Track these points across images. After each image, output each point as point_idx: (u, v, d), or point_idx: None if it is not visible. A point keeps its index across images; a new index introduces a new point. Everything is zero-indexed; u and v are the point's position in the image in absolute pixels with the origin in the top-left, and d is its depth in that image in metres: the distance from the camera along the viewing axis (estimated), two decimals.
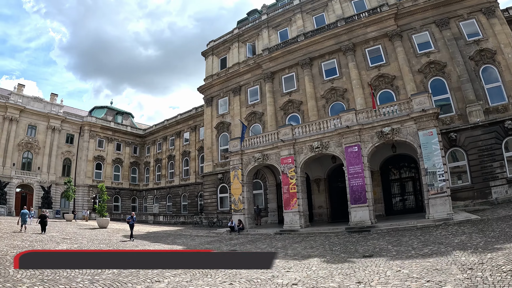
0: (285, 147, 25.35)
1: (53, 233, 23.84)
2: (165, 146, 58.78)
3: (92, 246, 17.47)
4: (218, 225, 35.19)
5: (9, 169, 52.35)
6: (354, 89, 30.62)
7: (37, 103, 57.64)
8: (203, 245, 19.01)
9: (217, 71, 43.19)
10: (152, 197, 59.25)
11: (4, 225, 28.39)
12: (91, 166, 59.10)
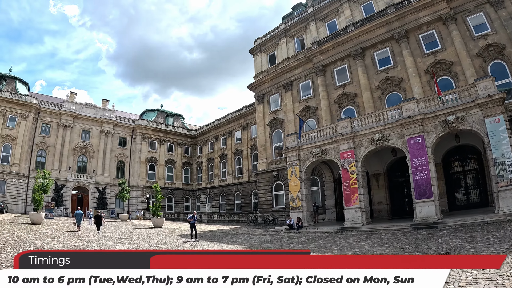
0: (344, 141, 24.77)
1: (109, 233, 24.45)
2: (217, 146, 59.60)
3: (150, 246, 17.48)
4: (274, 223, 35.09)
5: (65, 172, 55.33)
6: (410, 78, 29.22)
7: (89, 109, 60.49)
8: (264, 244, 18.87)
9: (267, 68, 43.14)
10: (205, 196, 60.24)
11: (61, 226, 29.59)
12: (144, 168, 61.03)
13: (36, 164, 53.32)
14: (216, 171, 58.37)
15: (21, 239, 16.72)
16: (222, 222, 45.12)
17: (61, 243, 16.80)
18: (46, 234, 20.60)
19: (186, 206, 63.21)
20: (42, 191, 33.01)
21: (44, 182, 33.89)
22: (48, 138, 56.00)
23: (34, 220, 29.16)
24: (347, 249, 15.30)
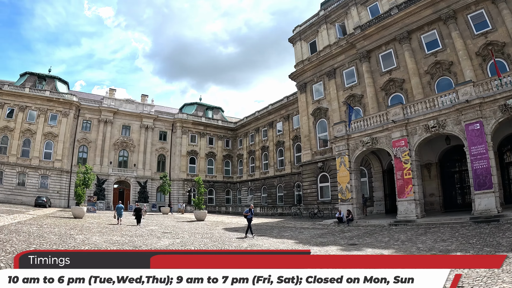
0: (396, 128, 23.63)
1: (152, 227, 24.36)
2: (257, 138, 59.33)
3: (195, 241, 16.50)
4: (319, 216, 34.34)
5: (107, 167, 57.05)
6: (461, 61, 27.32)
7: (129, 104, 61.85)
8: (315, 239, 18.21)
9: (308, 56, 42.21)
10: (246, 189, 60.26)
11: (103, 219, 30.16)
12: (185, 161, 61.75)
13: (78, 159, 55.04)
14: (257, 163, 58.13)
15: (62, 234, 16.76)
16: (265, 215, 44.73)
17: (103, 237, 16.71)
18: (88, 229, 20.70)
19: (227, 199, 63.61)
20: (84, 185, 33.72)
21: (86, 176, 34.58)
22: (89, 134, 57.90)
23: (76, 214, 29.87)
24: (408, 244, 14.47)
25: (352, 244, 15.45)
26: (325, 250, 13.79)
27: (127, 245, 14.47)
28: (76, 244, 13.72)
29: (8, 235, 14.69)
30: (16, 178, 51.53)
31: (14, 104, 53.35)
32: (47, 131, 54.16)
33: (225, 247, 14.76)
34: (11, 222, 20.73)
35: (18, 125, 52.78)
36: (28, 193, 50.61)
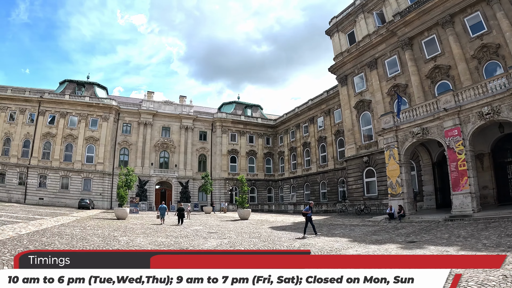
0: (448, 117, 22.09)
1: (196, 227, 24.01)
2: (298, 134, 58.40)
3: (243, 241, 16.12)
4: (366, 213, 33.25)
5: (148, 168, 58.08)
6: (509, 44, 25.31)
7: (168, 106, 62.72)
8: (369, 236, 17.27)
9: (347, 48, 40.97)
10: (288, 186, 59.53)
11: (146, 220, 30.21)
12: (225, 160, 61.78)
13: (119, 162, 56.24)
14: (299, 160, 57.25)
15: (105, 236, 16.52)
16: None
17: (147, 239, 16.29)
18: (132, 230, 20.58)
19: (269, 197, 63.20)
20: (126, 187, 34.41)
21: (128, 178, 35.35)
22: (129, 136, 59.16)
23: (119, 216, 30.19)
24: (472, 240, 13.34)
25: (411, 242, 14.46)
26: (384, 249, 12.95)
27: (173, 246, 14.00)
28: (120, 247, 13.48)
29: (50, 238, 14.62)
30: (59, 182, 53.51)
31: (55, 111, 55.55)
32: (88, 136, 55.95)
33: (276, 247, 14.10)
34: (54, 224, 20.91)
35: (59, 131, 54.93)
36: (71, 196, 52.46)
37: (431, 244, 13.30)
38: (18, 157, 53.32)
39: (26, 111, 55.01)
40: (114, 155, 57.47)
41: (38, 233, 15.98)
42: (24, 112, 54.89)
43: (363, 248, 13.40)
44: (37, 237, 14.55)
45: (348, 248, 13.45)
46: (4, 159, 53.13)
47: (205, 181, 53.15)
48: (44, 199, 51.67)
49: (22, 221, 20.95)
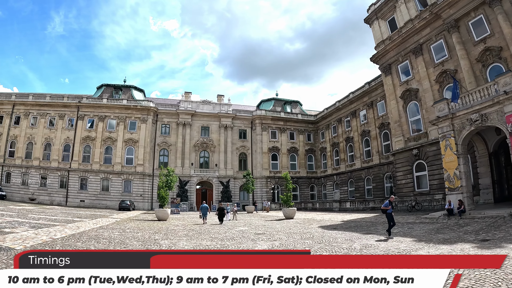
0: (508, 100, 19.35)
1: (241, 227, 22.89)
2: (340, 129, 56.05)
3: (297, 243, 14.47)
4: (417, 209, 30.81)
5: (188, 168, 57.94)
6: None
7: (206, 105, 62.40)
8: (433, 235, 15.51)
9: (388, 35, 38.39)
10: (331, 183, 57.32)
11: (187, 221, 29.62)
12: (266, 158, 60.53)
13: (159, 163, 56.13)
14: (342, 156, 54.95)
15: (145, 240, 15.54)
16: (356, 210, 42.15)
17: (191, 242, 14.96)
18: (173, 232, 19.61)
19: (312, 194, 61.29)
20: (166, 187, 33.99)
21: (168, 179, 34.88)
22: (168, 137, 59.26)
23: (160, 217, 29.60)
24: None
25: (483, 240, 12.66)
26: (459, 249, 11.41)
27: None
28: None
29: (86, 242, 13.72)
30: (100, 184, 54.49)
31: (94, 115, 56.71)
32: (127, 138, 56.48)
33: (335, 249, 12.54)
34: (93, 227, 20.35)
35: (99, 134, 55.97)
36: (112, 198, 53.20)
37: (509, 242, 11.67)
38: (59, 161, 54.79)
39: (65, 116, 56.39)
40: (154, 156, 57.75)
41: (74, 237, 15.20)
42: (63, 118, 56.25)
43: (434, 248, 11.92)
44: (71, 241, 13.68)
45: (417, 249, 11.96)
46: (45, 164, 54.81)
47: (246, 180, 52.39)
48: (85, 201, 52.80)
49: (60, 224, 20.52)
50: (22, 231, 15.70)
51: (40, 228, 17.52)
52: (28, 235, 14.25)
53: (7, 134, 55.60)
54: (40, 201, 52.23)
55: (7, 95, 58.91)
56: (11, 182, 53.98)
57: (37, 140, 55.60)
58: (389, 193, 41.97)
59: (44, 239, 13.48)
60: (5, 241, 12.27)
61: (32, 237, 13.74)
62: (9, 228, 16.34)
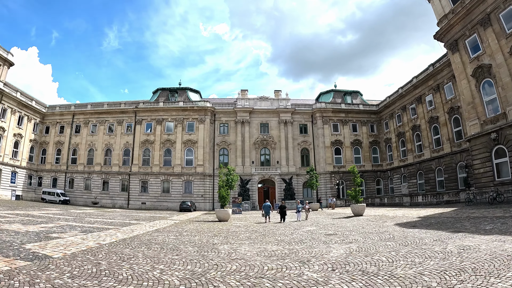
0: None
1: (308, 227, 20.55)
2: (405, 117, 51.18)
3: (379, 247, 11.78)
4: (499, 201, 26.14)
5: (249, 167, 56.51)
6: None
7: (263, 102, 60.68)
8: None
9: (450, 8, 33.47)
10: (398, 176, 52.73)
11: (250, 221, 28.20)
12: (329, 152, 57.57)
13: (219, 162, 55.59)
14: (409, 146, 50.12)
15: (202, 245, 13.45)
16: (429, 204, 37.96)
17: (254, 247, 12.76)
18: (234, 234, 17.64)
19: (378, 189, 56.93)
20: (227, 187, 33.03)
21: (228, 178, 34.07)
22: (227, 136, 58.46)
23: (220, 217, 28.30)
24: None
25: None
26: None
27: (289, 258, 10.31)
28: (219, 261, 9.92)
29: (135, 249, 12.11)
30: (160, 186, 54.86)
31: (151, 119, 57.73)
32: (186, 139, 56.46)
33: (427, 253, 9.84)
34: (148, 230, 19.19)
35: (157, 137, 56.68)
36: (173, 199, 53.27)
37: None
38: (119, 166, 56.30)
39: (123, 122, 57.83)
40: (214, 156, 57.27)
41: (125, 241, 13.92)
42: (121, 123, 57.64)
43: None
44: (120, 247, 12.29)
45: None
46: (106, 168, 56.72)
47: (310, 176, 49.66)
48: (146, 203, 53.53)
49: (114, 228, 19.66)
50: (71, 236, 14.83)
51: (91, 232, 16.67)
52: (74, 241, 13.27)
53: (69, 143, 58.17)
54: (102, 204, 53.85)
55: (67, 106, 61.78)
56: (75, 188, 56.30)
57: (97, 146, 57.44)
58: (462, 184, 37.34)
59: (90, 245, 12.36)
60: (46, 248, 11.27)
61: (78, 243, 12.71)
62: (57, 233, 15.53)
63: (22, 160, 54.18)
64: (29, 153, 56.28)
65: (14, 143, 52.61)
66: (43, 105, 60.15)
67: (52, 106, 61.69)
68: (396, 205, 43.32)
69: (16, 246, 11.22)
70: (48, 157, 58.43)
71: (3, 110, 50.03)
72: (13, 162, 52.34)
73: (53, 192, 53.13)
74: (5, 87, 50.04)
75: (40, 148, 58.83)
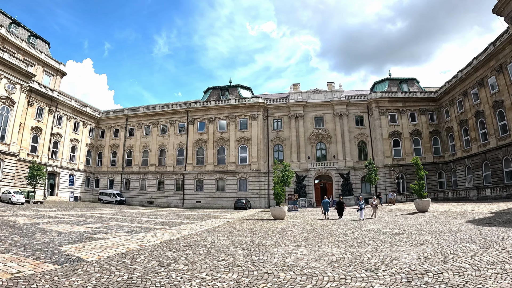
0: None
1: (371, 226, 18.99)
2: (467, 103, 46.70)
3: (457, 250, 9.90)
4: None
5: (305, 162, 55.22)
6: None
7: (316, 94, 59.04)
8: None
9: None
10: (462, 168, 48.35)
11: (307, 218, 27.01)
12: (388, 144, 54.79)
13: (274, 159, 55.01)
14: (472, 135, 45.75)
15: (253, 247, 12.30)
16: (498, 197, 34.43)
17: (312, 250, 11.39)
18: (290, 234, 16.35)
19: (440, 182, 52.63)
20: (282, 183, 32.67)
21: (284, 174, 34.07)
22: (281, 132, 57.55)
23: (276, 215, 27.35)
24: None
25: None
26: None
27: (353, 264, 8.82)
28: (271, 268, 8.61)
29: (179, 252, 11.19)
30: (215, 184, 55.34)
31: (203, 118, 58.21)
32: (239, 137, 56.42)
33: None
34: (198, 230, 18.58)
35: (210, 136, 57.20)
36: (227, 197, 53.54)
37: None
38: (173, 165, 57.43)
39: (176, 122, 58.77)
40: (268, 152, 56.88)
41: (170, 243, 13.18)
42: (174, 124, 58.59)
43: None
44: (162, 250, 11.50)
45: None
46: (161, 169, 58.29)
47: (369, 170, 47.61)
48: (201, 202, 54.35)
49: (162, 228, 19.24)
50: (114, 237, 14.65)
51: (137, 233, 16.37)
52: (116, 242, 12.99)
53: (124, 145, 60.24)
54: (157, 204, 55.16)
55: (120, 111, 64.29)
56: (130, 188, 58.23)
57: (151, 147, 58.84)
58: None
59: (131, 247, 11.81)
60: (83, 250, 10.98)
61: (119, 245, 12.34)
62: (101, 234, 15.44)
63: (79, 163, 57.23)
64: (85, 156, 59.55)
65: (71, 147, 55.79)
66: (97, 110, 63.41)
67: (106, 111, 65.17)
68: (461, 200, 40.10)
69: (52, 248, 10.96)
70: (104, 160, 61.39)
71: (59, 117, 53.03)
72: (71, 165, 55.45)
73: (110, 193, 55.59)
74: (59, 95, 53.21)
75: (96, 152, 61.89)
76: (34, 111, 48.93)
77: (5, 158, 41.00)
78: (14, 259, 8.76)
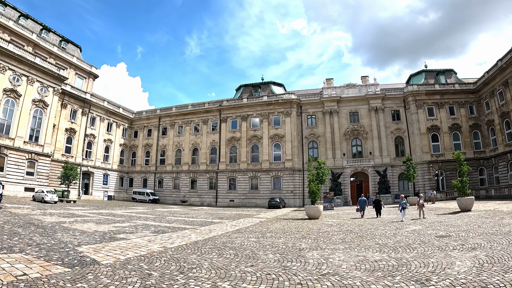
0: None
1: (413, 226, 17.89)
2: (508, 94, 44.05)
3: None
4: None
5: (340, 159, 54.35)
6: None
7: (351, 89, 57.94)
8: None
9: None
10: (504, 164, 45.69)
11: (343, 218, 26.63)
12: (426, 140, 52.87)
13: (308, 156, 53.44)
14: None
15: (286, 250, 11.60)
16: None
17: (351, 254, 10.67)
18: (326, 235, 15.72)
19: (481, 179, 50.05)
20: (317, 181, 32.22)
21: (319, 172, 33.43)
22: (315, 128, 56.78)
23: (311, 215, 26.86)
24: None
25: None
26: None
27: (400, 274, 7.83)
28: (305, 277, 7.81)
29: (203, 255, 10.61)
30: (248, 183, 55.37)
31: (236, 116, 58.37)
32: (272, 134, 56.14)
33: None
34: (228, 230, 18.14)
35: (243, 133, 57.31)
36: (261, 196, 53.44)
37: None
38: (206, 164, 58.32)
39: (208, 121, 59.36)
40: (303, 150, 56.32)
41: (196, 245, 12.66)
42: (206, 123, 59.16)
43: None
44: (186, 253, 10.97)
45: None
46: (194, 167, 59.26)
47: (407, 167, 45.73)
48: (234, 200, 54.54)
49: (191, 228, 18.93)
50: (138, 237, 14.37)
51: (163, 233, 16.08)
52: (138, 243, 12.67)
53: (157, 145, 61.45)
54: (191, 202, 55.95)
55: (153, 111, 65.70)
56: (164, 187, 59.28)
57: (184, 146, 59.61)
58: None
59: (153, 249, 11.37)
60: (100, 251, 10.65)
61: (140, 246, 11.96)
62: (125, 234, 15.27)
63: (113, 163, 58.85)
64: (119, 156, 61.22)
65: (104, 148, 57.43)
66: (130, 111, 64.95)
67: (139, 112, 66.86)
68: (505, 198, 38.55)
69: (68, 249, 10.71)
70: (137, 159, 62.92)
71: (92, 119, 54.54)
72: (105, 165, 57.15)
73: (143, 192, 56.77)
74: (92, 97, 54.75)
75: (129, 152, 63.45)
76: (67, 113, 51.09)
77: (39, 158, 42.84)
78: (24, 260, 8.55)
